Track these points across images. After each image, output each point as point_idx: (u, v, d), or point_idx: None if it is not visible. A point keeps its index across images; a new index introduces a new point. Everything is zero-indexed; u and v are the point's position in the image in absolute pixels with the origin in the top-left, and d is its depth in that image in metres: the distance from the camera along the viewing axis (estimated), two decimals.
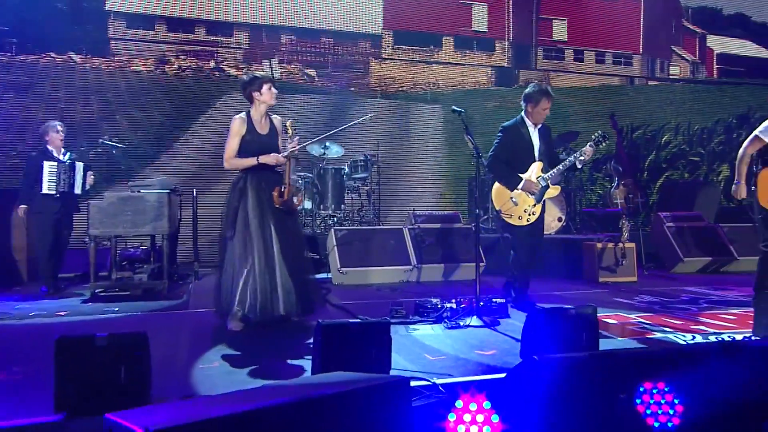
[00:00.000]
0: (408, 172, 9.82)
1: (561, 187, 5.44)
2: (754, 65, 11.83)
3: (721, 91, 11.85)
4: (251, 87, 4.18)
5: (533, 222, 4.70)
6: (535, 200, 4.71)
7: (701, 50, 11.60)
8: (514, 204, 4.68)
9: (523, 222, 4.69)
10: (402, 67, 10.10)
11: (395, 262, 6.37)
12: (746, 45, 11.82)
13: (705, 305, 4.90)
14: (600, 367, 2.39)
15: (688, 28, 11.52)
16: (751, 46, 11.84)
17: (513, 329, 4.02)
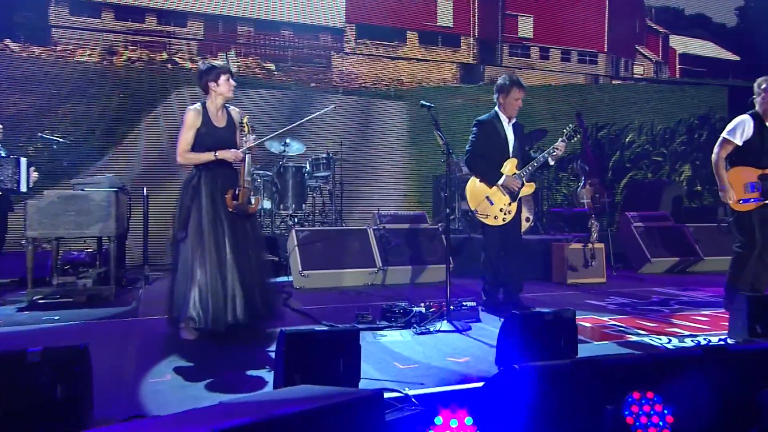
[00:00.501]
0: (371, 171, 9.69)
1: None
2: (715, 66, 12.15)
3: (683, 91, 12.12)
4: (207, 77, 3.97)
5: (509, 221, 4.63)
6: (510, 199, 4.63)
7: (664, 50, 11.84)
8: (489, 203, 4.60)
9: (498, 222, 4.62)
10: (365, 62, 9.96)
11: (360, 264, 6.22)
12: (707, 46, 12.13)
13: (676, 306, 4.92)
14: (585, 375, 2.29)
15: (652, 28, 11.74)
16: (711, 47, 12.15)
17: (486, 334, 3.93)
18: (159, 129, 8.52)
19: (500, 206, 4.62)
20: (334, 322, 4.27)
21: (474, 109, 10.44)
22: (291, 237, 6.23)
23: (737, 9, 12.20)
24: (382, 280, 6.30)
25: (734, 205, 4.43)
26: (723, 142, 4.49)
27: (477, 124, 4.72)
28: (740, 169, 4.45)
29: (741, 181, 4.43)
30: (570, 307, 4.92)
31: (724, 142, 4.48)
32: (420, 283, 6.40)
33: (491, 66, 10.82)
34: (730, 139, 4.45)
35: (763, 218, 4.42)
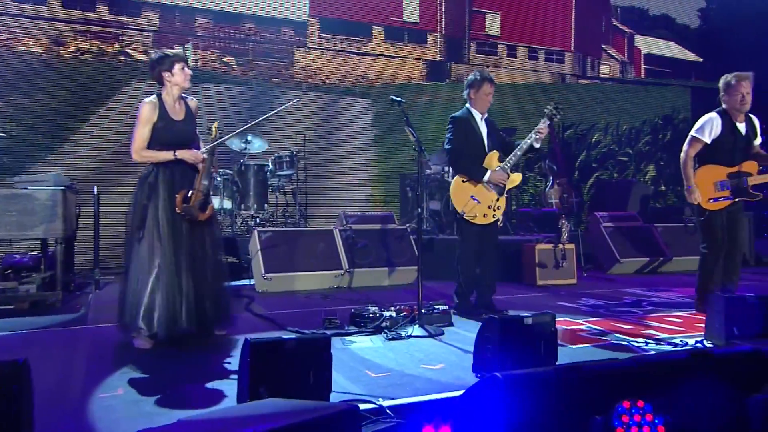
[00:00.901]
0: (336, 170, 9.54)
1: None
2: (678, 67, 12.41)
3: (648, 91, 12.34)
4: (161, 66, 3.76)
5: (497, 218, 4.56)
6: (497, 194, 4.54)
7: (630, 50, 12.03)
8: (476, 202, 4.50)
9: (489, 219, 4.52)
10: (329, 57, 9.79)
11: (325, 266, 6.07)
12: (671, 46, 12.38)
13: (649, 308, 4.93)
14: (570, 383, 2.21)
15: (618, 27, 11.92)
16: (675, 47, 12.41)
17: (460, 339, 3.84)
18: (110, 124, 8.19)
19: (488, 203, 4.52)
20: (300, 327, 4.13)
21: (441, 107, 10.41)
22: (253, 238, 6.04)
23: (699, 10, 12.49)
24: (349, 283, 6.16)
25: (704, 204, 4.45)
26: (692, 141, 4.51)
27: (452, 121, 4.63)
28: (710, 167, 4.47)
29: (711, 180, 4.45)
30: (543, 309, 4.90)
31: (693, 140, 4.50)
32: (388, 285, 6.29)
33: (458, 63, 10.79)
34: (699, 137, 4.47)
35: (731, 217, 4.46)
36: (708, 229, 4.47)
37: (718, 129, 4.42)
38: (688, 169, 4.49)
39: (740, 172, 4.40)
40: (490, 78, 4.62)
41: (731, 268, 4.47)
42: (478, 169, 4.52)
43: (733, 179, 4.41)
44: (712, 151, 4.46)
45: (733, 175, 4.42)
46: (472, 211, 4.49)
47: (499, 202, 4.58)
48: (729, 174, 4.43)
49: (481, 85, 4.57)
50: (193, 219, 3.68)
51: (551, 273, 6.29)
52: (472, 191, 4.53)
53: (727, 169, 4.44)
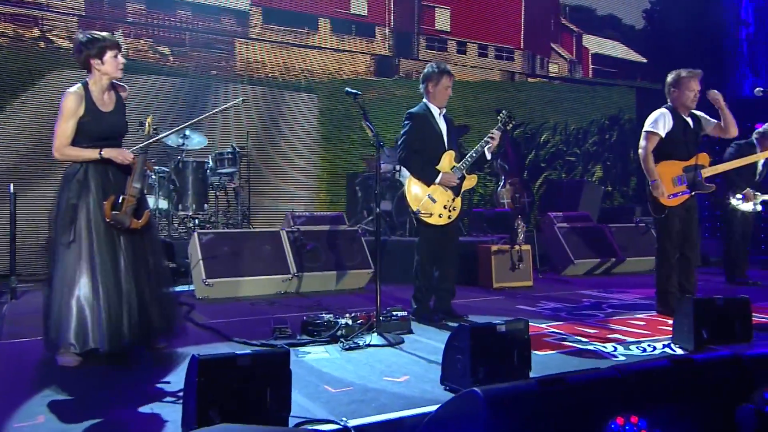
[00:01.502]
0: (280, 169, 9.26)
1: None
2: (625, 67, 12.73)
3: (595, 91, 12.60)
4: (89, 51, 3.42)
5: (453, 219, 4.45)
6: (453, 194, 4.43)
7: (578, 49, 12.25)
8: (432, 201, 4.37)
9: (444, 220, 4.41)
10: (272, 49, 9.48)
11: (272, 270, 5.83)
12: (618, 47, 12.69)
13: (609, 310, 4.93)
14: (556, 398, 2.09)
15: (566, 26, 12.11)
16: (622, 48, 12.72)
17: (421, 348, 3.69)
18: (29, 116, 7.65)
19: (443, 203, 4.41)
20: (248, 338, 3.89)
21: (388, 103, 10.28)
22: (192, 241, 5.72)
23: (644, 11, 12.86)
24: (297, 288, 5.94)
25: (664, 200, 4.48)
26: (648, 135, 4.54)
27: (409, 117, 4.49)
28: (666, 163, 4.52)
29: (669, 176, 4.51)
30: (502, 313, 4.85)
31: (650, 134, 4.54)
32: (339, 290, 6.10)
33: (407, 59, 10.69)
34: (655, 131, 4.51)
35: (688, 215, 4.52)
36: (665, 228, 4.50)
37: (670, 123, 4.49)
38: (649, 163, 4.51)
39: (695, 165, 4.47)
40: (448, 70, 4.51)
41: (688, 268, 4.52)
42: (431, 171, 4.40)
43: (689, 173, 4.48)
44: (666, 147, 4.52)
45: (689, 169, 4.49)
46: (428, 210, 4.36)
47: (455, 203, 4.48)
48: (684, 168, 4.50)
49: (440, 78, 4.45)
50: (125, 228, 3.37)
51: (507, 275, 6.25)
52: (428, 190, 4.41)
53: (683, 163, 4.51)
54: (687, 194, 4.48)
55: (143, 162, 3.48)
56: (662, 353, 3.47)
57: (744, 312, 3.41)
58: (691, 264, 4.53)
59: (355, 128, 9.98)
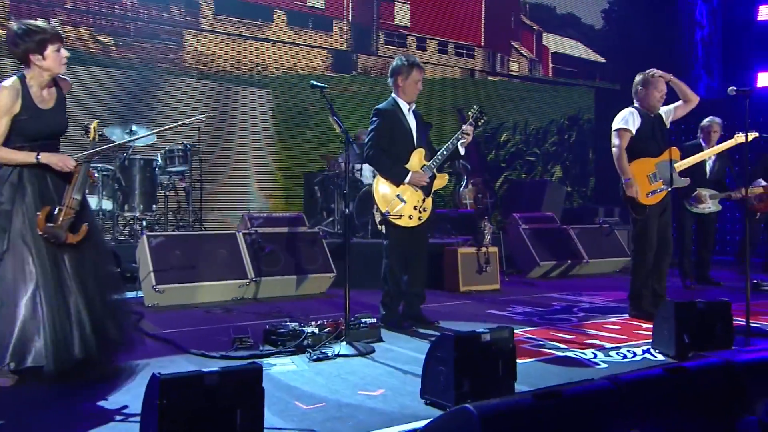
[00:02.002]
0: (233, 167, 8.99)
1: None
2: (584, 67, 12.92)
3: (555, 91, 12.74)
4: (27, 44, 3.12)
5: (424, 221, 4.35)
6: (424, 194, 4.32)
7: (538, 48, 12.36)
8: (401, 201, 4.25)
9: (414, 221, 4.30)
10: (224, 42, 9.20)
11: (228, 275, 5.60)
12: (578, 46, 12.87)
13: (581, 314, 4.92)
14: (554, 413, 1.99)
15: (527, 24, 12.21)
16: (581, 47, 12.91)
17: (394, 357, 3.56)
18: None
19: (413, 204, 4.30)
20: (206, 349, 3.69)
21: (346, 100, 10.13)
22: (141, 244, 5.44)
23: (602, 11, 13.09)
24: (255, 294, 5.73)
25: (643, 199, 4.48)
26: (620, 133, 4.55)
27: (377, 113, 4.35)
28: (638, 161, 4.54)
29: (643, 174, 4.52)
30: (472, 318, 4.77)
31: (621, 132, 4.55)
32: (299, 295, 5.93)
33: (365, 55, 10.55)
34: (626, 127, 4.53)
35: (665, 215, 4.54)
36: (643, 230, 4.50)
37: (638, 121, 4.53)
38: (623, 161, 4.51)
39: (666, 161, 4.51)
40: (418, 64, 4.40)
41: (661, 271, 4.54)
42: (400, 170, 4.29)
43: (662, 169, 4.50)
44: (636, 145, 4.54)
45: (662, 165, 4.51)
46: (398, 212, 4.25)
47: (426, 203, 4.37)
48: (657, 164, 4.52)
49: (410, 72, 4.34)
50: (59, 242, 3.10)
51: (474, 278, 6.19)
52: (397, 190, 4.29)
53: (654, 160, 4.54)
54: (665, 190, 4.51)
55: (86, 171, 3.23)
56: (643, 359, 3.45)
57: (725, 316, 3.41)
58: (664, 267, 4.54)
59: (311, 125, 9.79)
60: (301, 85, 9.77)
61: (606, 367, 3.29)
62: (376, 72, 10.65)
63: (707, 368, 2.50)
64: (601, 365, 3.34)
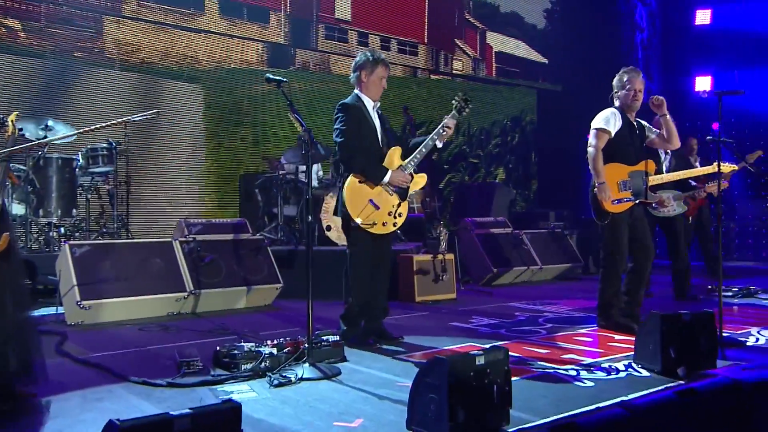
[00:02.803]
0: (162, 168, 8.52)
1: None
2: (527, 67, 13.09)
3: (498, 91, 12.85)
4: None
5: (398, 227, 4.18)
6: (399, 198, 4.13)
7: (482, 46, 12.42)
8: (375, 208, 4.04)
9: (389, 228, 4.11)
10: (150, 31, 8.71)
11: (163, 288, 5.24)
12: (520, 46, 13.03)
13: (549, 325, 4.85)
14: None
15: (470, 22, 12.24)
16: (524, 47, 13.08)
17: (363, 380, 3.35)
18: None
19: (388, 209, 4.10)
20: (148, 376, 3.36)
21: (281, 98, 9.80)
22: (62, 254, 4.99)
23: (545, 11, 13.31)
24: (194, 308, 5.39)
25: (608, 206, 4.45)
26: (598, 133, 4.50)
27: (342, 108, 4.14)
28: (612, 166, 4.49)
29: (614, 179, 4.48)
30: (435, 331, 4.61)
31: (600, 132, 4.50)
32: (243, 308, 5.63)
33: (304, 49, 10.28)
34: (606, 128, 4.48)
35: (634, 223, 4.51)
36: (612, 236, 4.46)
37: (619, 123, 4.48)
38: (599, 162, 4.45)
39: (640, 171, 4.48)
40: (384, 60, 4.25)
41: (639, 279, 4.51)
42: (379, 168, 4.08)
43: (635, 178, 4.47)
44: (613, 148, 4.49)
45: (633, 174, 4.48)
46: (371, 219, 4.04)
47: (401, 208, 4.19)
48: (630, 173, 4.49)
49: (375, 68, 4.17)
50: None
51: (430, 287, 6.05)
52: (370, 194, 4.08)
53: (629, 168, 4.50)
54: (631, 201, 4.47)
55: (5, 171, 2.87)
56: (628, 375, 3.38)
57: (709, 328, 3.39)
58: (643, 275, 4.52)
59: (246, 123, 9.44)
60: (234, 80, 9.40)
61: (593, 386, 3.20)
62: (315, 67, 10.40)
63: (716, 389, 2.43)
64: (586, 383, 3.24)
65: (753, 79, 10.31)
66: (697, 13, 11.61)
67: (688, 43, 11.75)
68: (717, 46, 11.04)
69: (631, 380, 3.29)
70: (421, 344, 4.17)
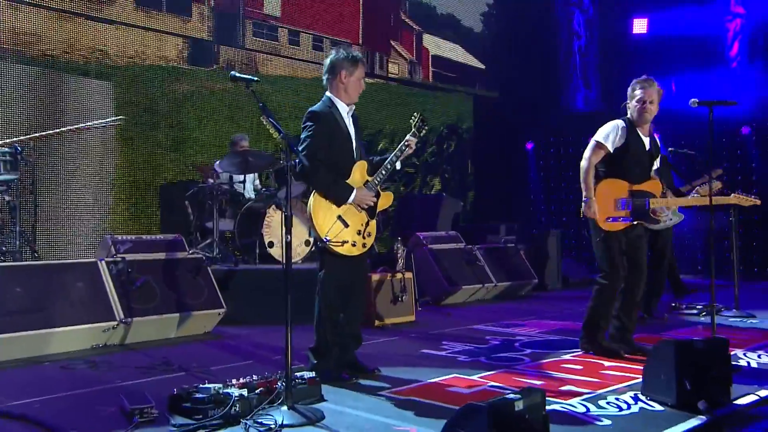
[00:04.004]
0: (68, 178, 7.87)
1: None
2: (464, 72, 13.15)
3: (435, 97, 12.80)
4: None
5: (368, 248, 3.96)
6: (368, 216, 3.92)
7: (418, 49, 12.37)
8: (344, 225, 3.81)
9: (358, 249, 3.88)
10: (52, 19, 8.06)
11: (88, 317, 4.77)
12: (457, 50, 13.08)
13: (528, 351, 4.73)
14: None
15: (407, 23, 12.17)
16: (461, 51, 13.14)
17: (353, 425, 3.08)
18: None
19: (357, 228, 3.88)
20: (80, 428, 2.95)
21: (205, 99, 9.36)
22: None
23: (482, 14, 13.44)
24: (123, 338, 4.93)
25: (602, 223, 4.37)
26: (595, 147, 4.43)
27: (312, 116, 3.88)
28: (611, 182, 4.41)
29: (611, 196, 4.39)
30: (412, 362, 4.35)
31: (597, 146, 4.43)
32: (181, 337, 5.24)
33: (229, 47, 9.84)
34: (604, 143, 4.41)
35: (631, 242, 4.45)
36: (605, 253, 4.38)
37: (623, 138, 4.40)
38: (589, 177, 4.37)
39: (643, 191, 4.41)
40: (362, 59, 4.03)
41: (630, 301, 4.45)
42: (343, 186, 3.85)
43: (636, 198, 4.40)
44: (614, 163, 4.42)
45: (635, 194, 4.40)
46: (340, 237, 3.79)
47: (370, 227, 3.98)
48: (631, 192, 4.40)
49: (355, 68, 3.95)
50: None
51: (389, 309, 5.83)
52: (338, 211, 3.83)
53: (630, 186, 4.41)
54: (628, 221, 4.39)
55: None
56: (641, 410, 3.27)
57: (723, 355, 3.34)
58: (634, 297, 4.45)
59: (163, 127, 8.89)
60: (150, 78, 8.84)
61: (611, 424, 3.07)
62: (241, 67, 9.98)
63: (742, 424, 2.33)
64: (604, 421, 3.10)
65: (690, 84, 10.68)
66: (634, 22, 12.02)
67: (626, 52, 12.13)
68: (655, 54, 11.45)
69: (647, 416, 3.18)
70: (400, 377, 3.93)
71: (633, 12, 11.96)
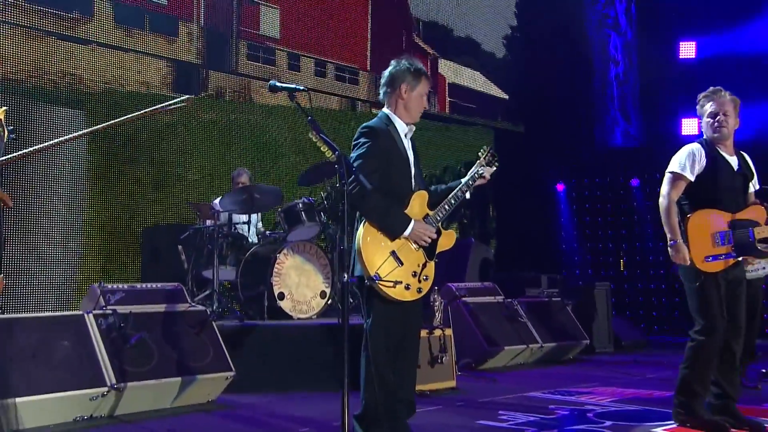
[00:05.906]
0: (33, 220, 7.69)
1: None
2: (484, 102, 13.15)
3: (450, 131, 12.77)
4: None
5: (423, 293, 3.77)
6: (425, 256, 3.73)
7: (433, 76, 12.38)
8: (398, 263, 3.60)
9: (412, 294, 3.68)
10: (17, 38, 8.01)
11: (73, 382, 4.54)
12: (477, 77, 13.11)
13: (608, 422, 4.50)
14: None
15: (420, 47, 12.21)
16: (481, 78, 13.17)
17: None
18: None
19: (413, 268, 3.67)
20: None
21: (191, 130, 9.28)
22: None
23: (504, 38, 13.51)
24: (113, 409, 4.68)
25: (700, 264, 4.17)
26: (672, 179, 4.29)
27: (369, 132, 3.75)
28: (704, 213, 4.23)
29: (707, 231, 4.20)
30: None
31: (674, 178, 4.28)
32: (180, 407, 5.00)
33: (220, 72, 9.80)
34: (681, 173, 4.27)
35: (731, 287, 4.25)
36: (703, 303, 4.17)
37: (703, 162, 4.26)
38: (672, 217, 4.21)
39: (744, 221, 4.23)
40: (426, 72, 3.93)
41: (730, 362, 4.22)
42: (400, 216, 3.68)
43: (738, 230, 4.21)
44: (700, 194, 4.26)
45: (736, 224, 4.22)
46: (392, 276, 3.59)
47: (428, 269, 3.79)
48: (730, 222, 4.22)
49: (418, 82, 3.83)
50: None
51: (427, 373, 5.60)
52: (392, 246, 3.65)
53: (728, 216, 4.23)
54: (732, 258, 4.20)
55: None
56: None
57: None
58: (734, 357, 4.23)
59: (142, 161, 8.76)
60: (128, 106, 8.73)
61: None
62: (232, 96, 9.94)
63: None
64: None
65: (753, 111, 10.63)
66: (682, 45, 12.06)
67: (671, 80, 12.14)
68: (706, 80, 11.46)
69: None
70: None
71: (679, 34, 12.01)
